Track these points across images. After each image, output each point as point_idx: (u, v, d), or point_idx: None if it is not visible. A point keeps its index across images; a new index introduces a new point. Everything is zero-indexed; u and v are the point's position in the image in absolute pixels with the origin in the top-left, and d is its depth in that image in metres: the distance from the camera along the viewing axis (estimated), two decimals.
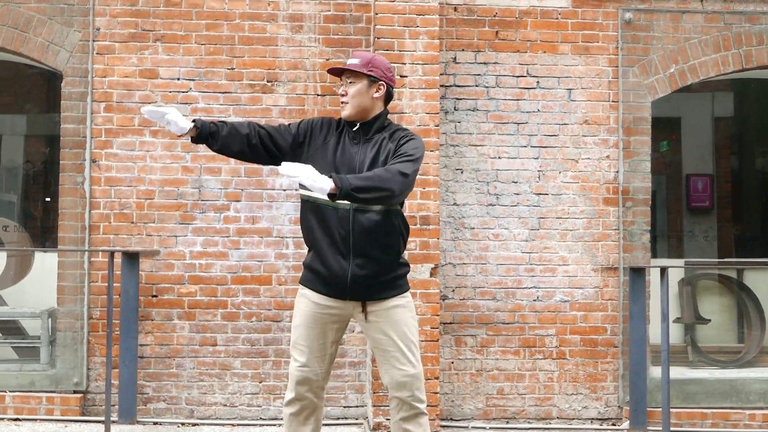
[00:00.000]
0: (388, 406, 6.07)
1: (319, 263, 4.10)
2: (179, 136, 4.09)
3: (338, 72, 4.21)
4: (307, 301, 4.15)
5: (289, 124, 4.23)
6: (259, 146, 4.10)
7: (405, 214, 5.71)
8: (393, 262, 4.13)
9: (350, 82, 4.13)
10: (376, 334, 4.11)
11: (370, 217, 4.03)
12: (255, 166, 6.42)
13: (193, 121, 3.97)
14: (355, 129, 4.14)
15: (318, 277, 4.11)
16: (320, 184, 3.67)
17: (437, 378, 6.20)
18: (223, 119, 4.05)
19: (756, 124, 9.44)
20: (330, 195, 3.72)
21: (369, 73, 4.12)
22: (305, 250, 6.46)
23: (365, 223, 4.02)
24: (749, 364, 7.25)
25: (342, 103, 4.15)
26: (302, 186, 3.94)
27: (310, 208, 4.11)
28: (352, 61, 4.17)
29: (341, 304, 4.11)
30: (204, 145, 4.08)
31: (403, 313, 4.13)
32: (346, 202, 3.90)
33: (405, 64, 6.31)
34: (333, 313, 4.13)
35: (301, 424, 4.17)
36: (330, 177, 3.72)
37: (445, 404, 6.51)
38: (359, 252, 4.03)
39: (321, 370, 4.13)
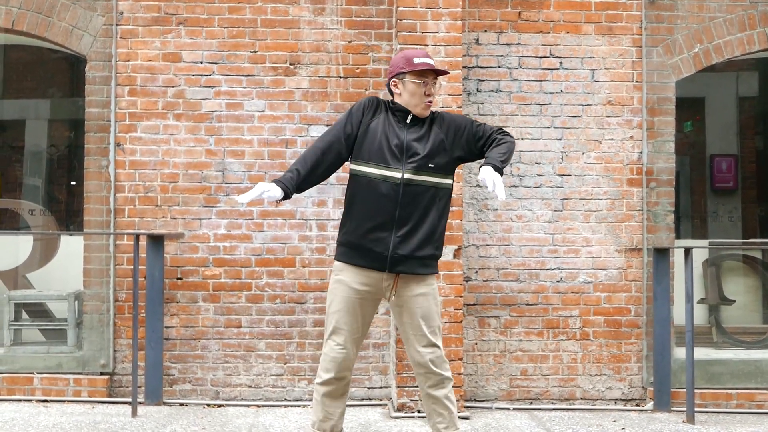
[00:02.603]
0: (412, 387, 6.13)
1: (360, 235, 4.27)
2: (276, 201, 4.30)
3: (428, 72, 4.34)
4: (345, 287, 4.33)
5: (345, 123, 4.37)
6: (333, 166, 4.38)
7: None
8: (431, 239, 4.31)
9: (433, 83, 4.35)
10: (404, 314, 4.36)
11: (420, 191, 4.23)
12: (278, 148, 6.50)
13: (275, 182, 4.20)
14: (409, 120, 4.32)
15: (358, 250, 4.29)
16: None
17: (461, 359, 6.22)
18: (297, 168, 4.27)
19: None
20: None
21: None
22: (328, 232, 6.53)
23: (414, 196, 4.22)
24: None
25: (428, 102, 4.33)
26: (357, 161, 4.29)
27: (359, 181, 4.28)
28: (433, 63, 4.38)
29: (377, 279, 4.30)
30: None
31: (430, 300, 4.37)
32: (398, 175, 4.19)
33: (427, 45, 6.30)
34: (369, 290, 4.33)
35: (335, 400, 4.41)
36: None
37: (469, 385, 6.53)
38: (403, 223, 4.22)
39: (356, 349, 4.40)
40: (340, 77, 6.63)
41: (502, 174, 4.11)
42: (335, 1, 6.64)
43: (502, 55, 6.68)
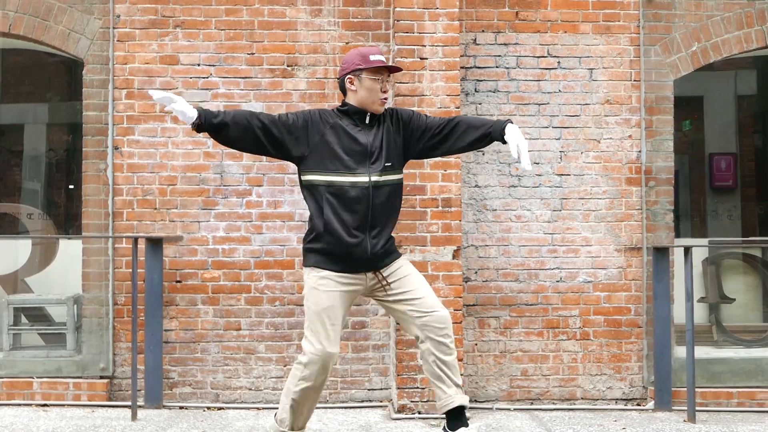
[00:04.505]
0: (412, 388, 6.11)
1: (336, 243, 4.33)
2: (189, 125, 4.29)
3: (383, 68, 4.46)
4: (330, 281, 4.38)
5: (287, 115, 4.46)
6: (261, 137, 4.34)
7: (426, 197, 5.99)
8: (391, 231, 4.52)
9: (387, 80, 4.47)
10: (400, 291, 4.44)
11: (386, 191, 4.37)
12: None
13: (196, 108, 4.24)
14: (368, 120, 4.43)
15: (335, 257, 4.37)
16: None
17: (461, 360, 6.21)
18: (223, 111, 4.27)
19: None
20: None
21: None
22: None
23: (382, 196, 4.35)
24: None
25: (383, 99, 4.44)
26: (319, 172, 4.31)
27: (324, 191, 4.33)
28: (385, 60, 4.50)
29: (360, 278, 4.42)
30: (207, 134, 4.35)
31: (411, 267, 4.54)
32: (365, 179, 4.29)
33: (425, 46, 6.29)
34: (354, 288, 4.43)
35: (316, 393, 4.50)
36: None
37: (469, 386, 6.52)
38: (374, 224, 4.34)
39: (339, 343, 4.46)
40: (338, 78, 6.60)
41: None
42: (332, 3, 6.63)
43: (499, 55, 6.67)
